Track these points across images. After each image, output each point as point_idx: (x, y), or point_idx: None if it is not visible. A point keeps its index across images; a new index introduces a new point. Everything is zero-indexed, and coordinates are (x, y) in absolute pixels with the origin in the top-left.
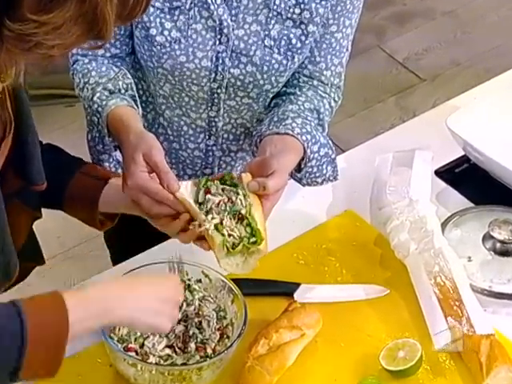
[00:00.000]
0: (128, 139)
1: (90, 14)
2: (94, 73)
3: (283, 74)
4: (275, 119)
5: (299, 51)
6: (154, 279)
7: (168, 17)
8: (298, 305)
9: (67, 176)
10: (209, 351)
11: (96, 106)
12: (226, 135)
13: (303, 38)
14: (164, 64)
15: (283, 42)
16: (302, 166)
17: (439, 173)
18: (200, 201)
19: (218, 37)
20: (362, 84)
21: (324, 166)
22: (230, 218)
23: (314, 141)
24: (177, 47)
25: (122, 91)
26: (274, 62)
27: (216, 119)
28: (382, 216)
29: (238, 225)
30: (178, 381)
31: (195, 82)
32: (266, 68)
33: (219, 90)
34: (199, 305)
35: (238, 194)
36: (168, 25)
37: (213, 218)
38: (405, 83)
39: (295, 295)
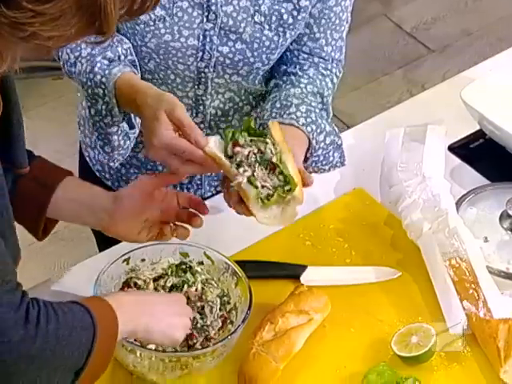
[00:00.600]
0: (146, 102)
1: (91, 7)
2: (83, 45)
3: (274, 51)
4: (278, 105)
5: (291, 27)
6: (165, 296)
7: None
8: (304, 288)
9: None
10: (211, 333)
11: (99, 76)
12: (213, 111)
13: (295, 12)
14: (148, 43)
15: (274, 18)
16: (308, 155)
17: (453, 148)
18: (229, 154)
19: (206, 14)
20: (367, 55)
21: (330, 154)
22: (262, 169)
23: (319, 130)
24: (161, 25)
25: (122, 57)
26: (264, 38)
27: (203, 97)
28: (393, 194)
29: (271, 174)
30: (179, 368)
31: (181, 60)
32: (256, 45)
33: (207, 70)
34: (202, 288)
35: (266, 143)
36: None
37: (244, 171)
38: (413, 54)
39: (302, 278)
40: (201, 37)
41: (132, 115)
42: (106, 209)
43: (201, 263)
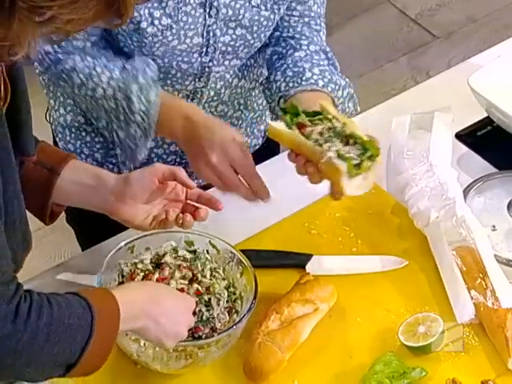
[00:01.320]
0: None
1: None
2: (99, 69)
3: (271, 27)
4: (290, 74)
5: (284, 2)
6: (171, 293)
7: (156, 5)
8: (310, 277)
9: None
10: (217, 325)
11: (137, 105)
12: (210, 99)
13: None
14: (156, 52)
15: None
16: None
17: (460, 136)
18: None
19: (208, 10)
20: (371, 42)
21: (346, 105)
22: (339, 143)
23: (337, 87)
24: (168, 33)
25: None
26: (262, 19)
27: (203, 89)
28: (400, 182)
29: (349, 146)
30: (184, 357)
31: (185, 59)
32: (255, 28)
33: (210, 63)
34: (210, 279)
35: (328, 119)
36: (157, 13)
37: (330, 147)
38: (417, 41)
39: (307, 267)
40: (204, 33)
41: None
42: (114, 190)
43: (206, 252)
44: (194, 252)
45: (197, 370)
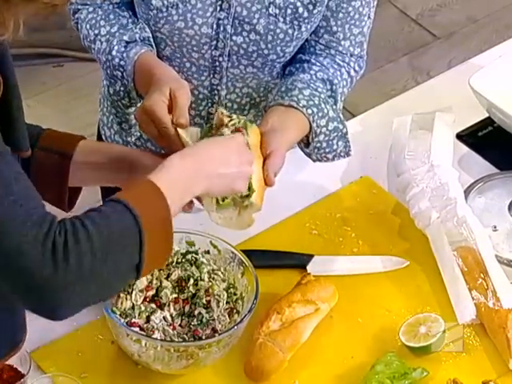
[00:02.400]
0: (160, 78)
1: None
2: (102, 22)
3: (289, 43)
4: (283, 89)
5: (306, 21)
6: (216, 146)
7: None
8: (311, 278)
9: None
10: (217, 327)
11: (117, 59)
12: (229, 104)
13: (311, 6)
14: (161, 29)
15: (289, 11)
16: (310, 140)
17: (461, 136)
18: None
19: (219, 3)
20: (372, 43)
21: (334, 142)
22: None
23: (320, 114)
24: (174, 12)
25: (139, 40)
26: (278, 31)
27: (219, 87)
28: (401, 183)
29: None
30: (185, 358)
31: (195, 48)
32: (270, 37)
33: (221, 58)
34: (209, 281)
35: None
36: None
37: None
38: (418, 41)
39: (308, 267)
40: (214, 25)
41: None
42: (125, 167)
43: (207, 252)
44: (191, 256)
45: (198, 370)
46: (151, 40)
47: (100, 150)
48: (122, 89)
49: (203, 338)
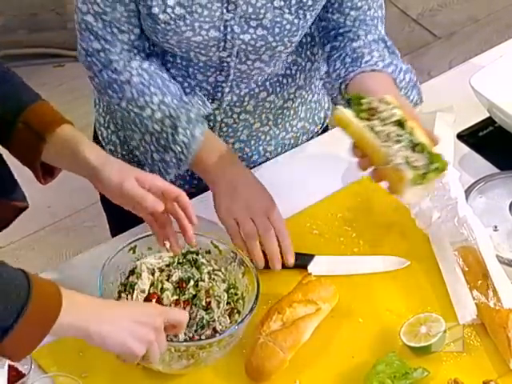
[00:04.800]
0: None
1: None
2: (153, 89)
3: (296, 33)
4: (349, 60)
5: (311, 8)
6: (131, 303)
7: None
8: (312, 278)
9: (13, 118)
10: (218, 327)
11: (181, 136)
12: (228, 98)
13: None
14: (170, 40)
15: (293, 1)
16: None
17: (462, 136)
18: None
19: (225, 5)
20: None
21: (410, 92)
22: (407, 147)
23: (398, 70)
24: (182, 23)
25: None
26: (285, 22)
27: (223, 84)
28: None
29: (415, 153)
30: (186, 358)
31: (203, 52)
32: (277, 30)
33: (229, 59)
34: (209, 282)
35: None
36: (171, 2)
37: (398, 151)
38: (419, 41)
39: (309, 268)
40: (222, 28)
41: None
42: (90, 173)
43: (208, 252)
44: (192, 257)
45: (199, 370)
46: (210, 110)
47: (70, 146)
48: (174, 160)
49: (204, 338)
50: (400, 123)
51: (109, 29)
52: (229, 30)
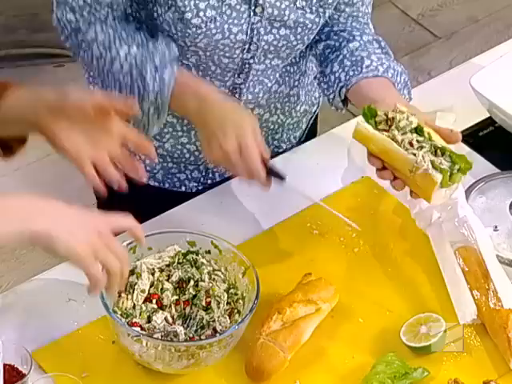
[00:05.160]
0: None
1: None
2: (118, 42)
3: (314, 31)
4: (348, 63)
5: (330, 6)
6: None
7: None
8: (313, 278)
9: None
10: (218, 327)
11: (151, 84)
12: (245, 98)
13: None
14: (198, 43)
15: (314, 0)
16: None
17: (462, 136)
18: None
19: (253, 8)
20: None
21: (402, 91)
22: (430, 153)
23: (396, 73)
24: (212, 26)
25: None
26: (307, 22)
27: (242, 86)
28: None
29: (439, 158)
30: (186, 358)
31: (227, 54)
32: (299, 29)
33: (251, 60)
34: (210, 282)
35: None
36: (202, 5)
37: (423, 157)
38: (419, 41)
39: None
40: (248, 31)
41: None
42: (50, 105)
43: (208, 252)
44: (192, 257)
45: (199, 370)
46: (176, 53)
47: (26, 94)
48: (151, 108)
49: (204, 338)
50: (418, 130)
51: (88, 8)
52: (255, 32)
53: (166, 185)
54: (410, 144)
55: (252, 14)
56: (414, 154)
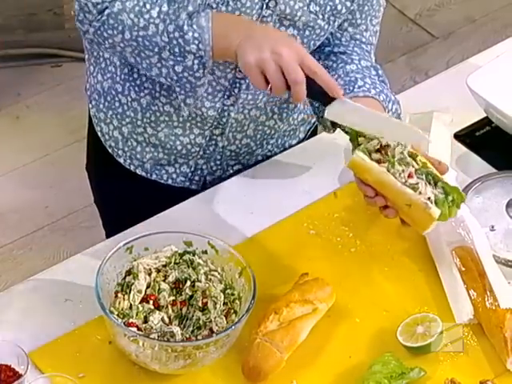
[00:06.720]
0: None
1: None
2: (148, 6)
3: (322, 38)
4: (342, 83)
5: (342, 16)
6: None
7: None
8: (309, 278)
9: None
10: (215, 328)
11: (190, 33)
12: (245, 96)
13: (348, 3)
14: None
15: (328, 8)
16: None
17: (459, 136)
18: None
19: (266, 1)
20: None
21: None
22: (426, 184)
23: (388, 99)
24: (224, 9)
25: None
26: (317, 27)
27: (242, 81)
28: None
29: (435, 189)
30: (182, 358)
31: (221, 67)
32: (307, 33)
33: None
34: (206, 283)
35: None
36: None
37: (423, 191)
38: (416, 41)
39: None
40: (258, 22)
41: None
42: None
43: (205, 252)
44: (188, 257)
45: (195, 370)
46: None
47: None
48: (195, 62)
49: (200, 338)
50: (411, 156)
51: None
52: (264, 25)
53: (153, 176)
54: (409, 175)
55: (265, 6)
56: (412, 188)
